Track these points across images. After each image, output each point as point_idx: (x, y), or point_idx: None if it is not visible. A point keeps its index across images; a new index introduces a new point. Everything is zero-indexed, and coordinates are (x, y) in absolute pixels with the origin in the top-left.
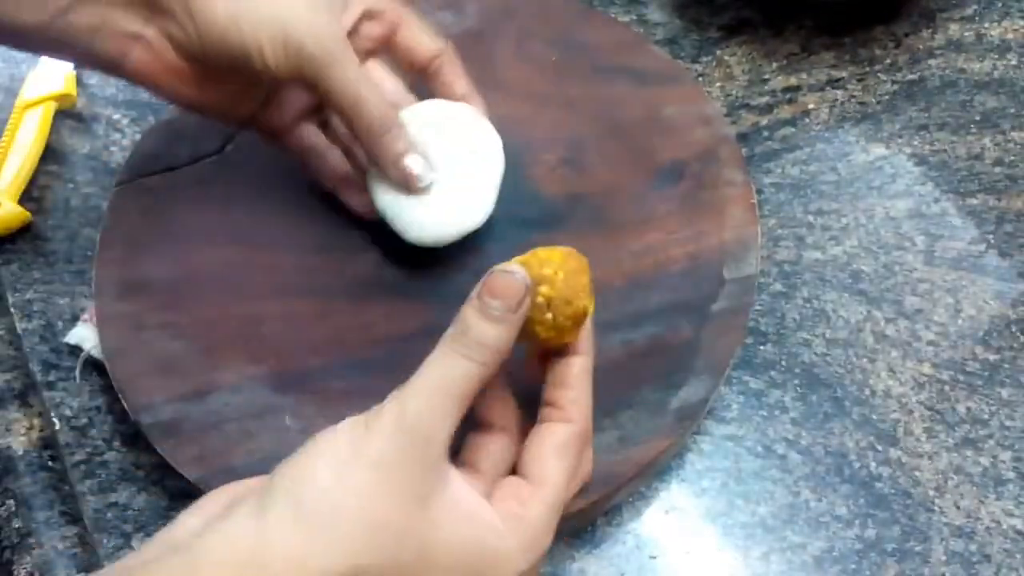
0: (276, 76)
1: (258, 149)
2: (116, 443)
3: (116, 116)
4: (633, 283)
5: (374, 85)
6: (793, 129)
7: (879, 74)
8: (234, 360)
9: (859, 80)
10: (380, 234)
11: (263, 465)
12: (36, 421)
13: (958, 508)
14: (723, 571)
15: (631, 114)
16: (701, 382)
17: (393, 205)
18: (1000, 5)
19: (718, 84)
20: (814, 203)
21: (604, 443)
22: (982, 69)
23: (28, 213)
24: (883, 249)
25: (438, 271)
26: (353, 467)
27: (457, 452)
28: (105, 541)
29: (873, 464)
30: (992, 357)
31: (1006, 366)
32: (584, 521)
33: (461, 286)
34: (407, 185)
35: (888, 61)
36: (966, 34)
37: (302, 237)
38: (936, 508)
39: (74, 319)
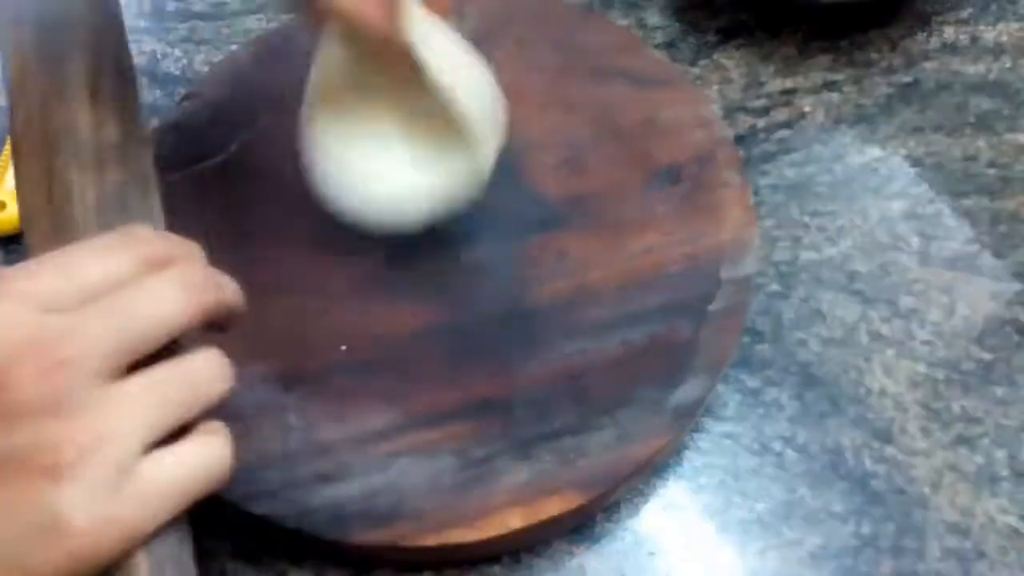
0: None
1: (261, 151)
2: None
3: None
4: (631, 283)
5: None
6: (789, 131)
7: (875, 77)
8: (237, 358)
9: (855, 83)
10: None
11: (266, 463)
12: None
13: (953, 505)
14: (721, 567)
15: (630, 116)
16: (699, 381)
17: (342, 174)
18: (995, 8)
19: (715, 87)
20: (810, 204)
21: (603, 441)
22: (977, 72)
23: None
24: (878, 249)
25: (439, 271)
26: None
27: None
28: None
29: (869, 462)
30: (987, 356)
31: (1000, 365)
32: (583, 518)
33: (461, 286)
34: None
35: (884, 64)
36: (961, 37)
37: (304, 236)
38: (931, 505)
39: None
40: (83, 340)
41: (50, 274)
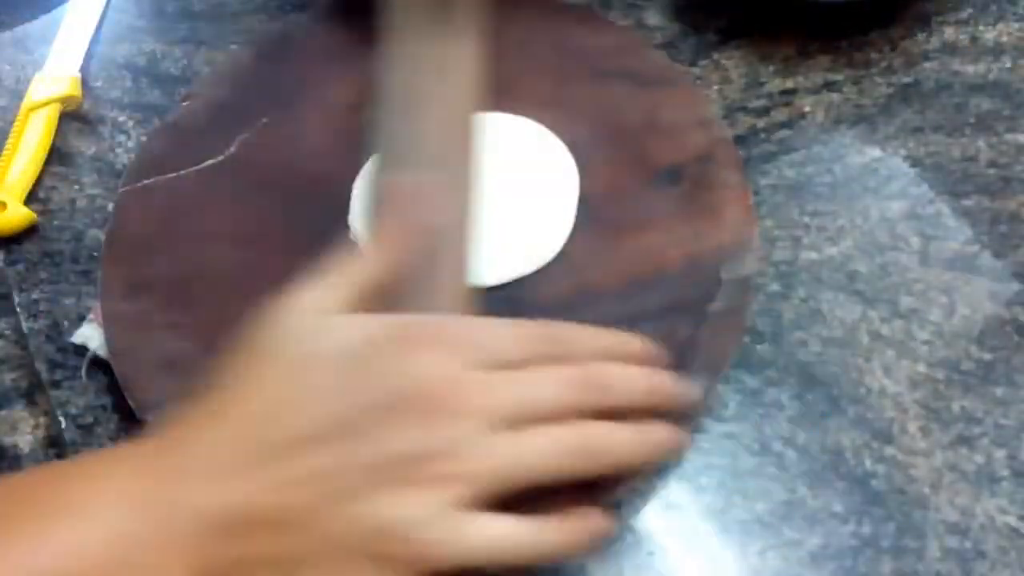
0: None
1: (263, 150)
2: (122, 441)
3: (121, 118)
4: (632, 284)
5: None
6: (789, 131)
7: (875, 77)
8: None
9: (855, 83)
10: None
11: None
12: (42, 420)
13: (953, 505)
14: (721, 567)
15: (630, 117)
16: (699, 381)
17: None
18: (995, 8)
19: (715, 87)
20: (810, 204)
21: None
22: (976, 72)
23: (34, 214)
24: (878, 250)
25: None
26: None
27: None
28: None
29: (869, 462)
30: (986, 356)
31: (1000, 365)
32: None
33: None
34: None
35: (884, 64)
36: (961, 37)
37: (307, 237)
38: (931, 505)
39: (80, 319)
40: (485, 399)
41: (477, 339)
